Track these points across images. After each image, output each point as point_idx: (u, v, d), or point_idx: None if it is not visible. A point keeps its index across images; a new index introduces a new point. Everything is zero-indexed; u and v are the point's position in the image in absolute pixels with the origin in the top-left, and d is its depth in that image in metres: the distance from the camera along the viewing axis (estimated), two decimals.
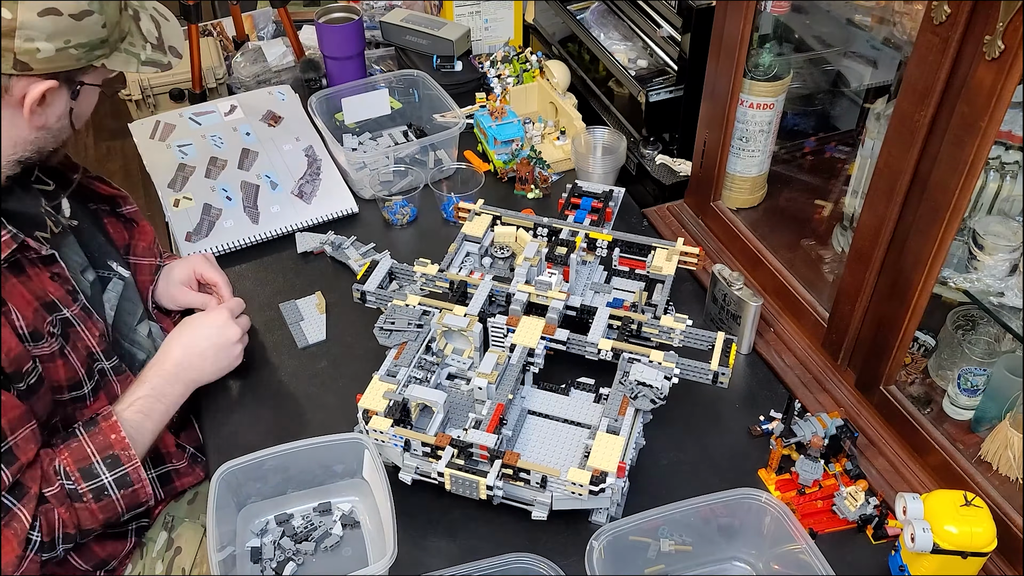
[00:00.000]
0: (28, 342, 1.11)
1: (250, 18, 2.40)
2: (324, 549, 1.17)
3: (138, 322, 1.35)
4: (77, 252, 1.26)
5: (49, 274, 1.17)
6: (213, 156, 1.75)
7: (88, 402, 1.22)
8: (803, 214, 1.65)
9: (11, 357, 1.07)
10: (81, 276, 1.25)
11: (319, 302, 1.52)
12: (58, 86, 1.08)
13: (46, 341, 1.14)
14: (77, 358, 1.19)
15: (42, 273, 1.16)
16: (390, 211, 1.67)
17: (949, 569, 1.05)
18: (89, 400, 1.22)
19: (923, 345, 1.40)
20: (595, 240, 1.45)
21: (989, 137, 0.99)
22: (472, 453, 1.13)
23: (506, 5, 2.14)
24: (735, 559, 1.15)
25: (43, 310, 1.14)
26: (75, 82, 1.11)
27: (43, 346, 1.13)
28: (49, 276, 1.17)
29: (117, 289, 1.32)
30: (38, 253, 1.15)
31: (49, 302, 1.16)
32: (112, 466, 1.14)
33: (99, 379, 1.23)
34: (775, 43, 1.54)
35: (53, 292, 1.17)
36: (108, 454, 1.14)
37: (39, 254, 1.15)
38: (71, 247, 1.25)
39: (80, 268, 1.25)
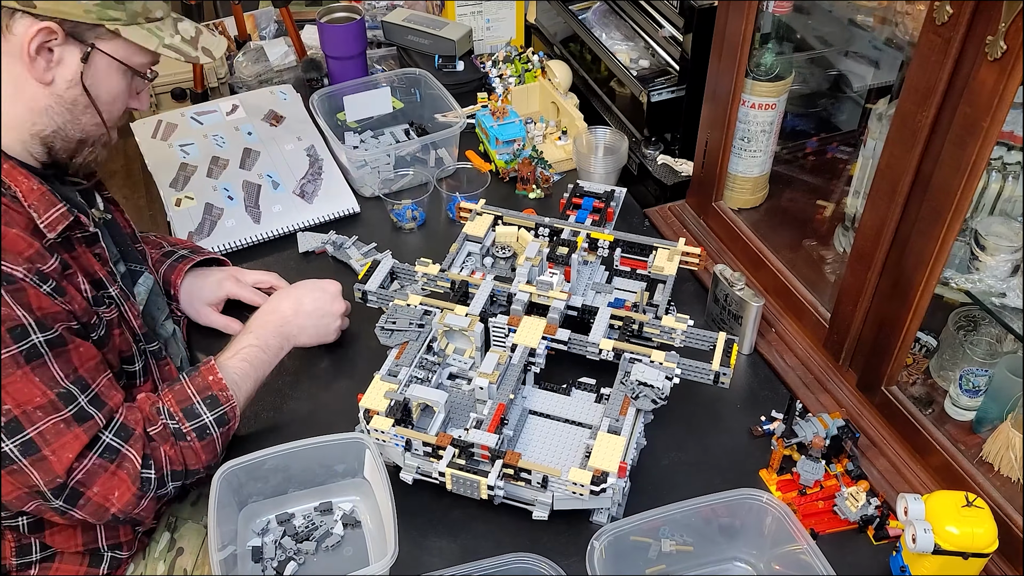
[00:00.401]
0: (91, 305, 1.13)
1: (252, 18, 2.40)
2: (325, 549, 1.17)
3: (165, 318, 1.38)
4: (110, 244, 1.27)
5: (93, 253, 1.18)
6: (215, 155, 1.75)
7: (138, 381, 1.24)
8: (805, 214, 1.65)
9: (80, 311, 1.10)
10: (114, 267, 1.26)
11: None
12: (64, 37, 1.05)
13: (106, 307, 1.16)
14: (129, 332, 1.21)
15: (87, 252, 1.17)
16: (397, 213, 1.67)
17: (950, 570, 1.05)
18: (139, 380, 1.24)
19: (925, 346, 1.40)
20: (596, 240, 1.45)
21: (991, 138, 0.99)
22: (473, 453, 1.13)
23: (508, 5, 2.14)
24: (736, 559, 1.15)
25: (92, 287, 1.16)
26: (85, 41, 1.07)
27: (105, 311, 1.16)
28: (93, 255, 1.18)
29: (147, 284, 1.33)
30: (86, 230, 1.15)
31: (97, 279, 1.17)
32: (212, 405, 1.18)
33: (145, 361, 1.25)
34: (777, 43, 1.54)
35: (98, 271, 1.19)
36: (208, 394, 1.18)
37: (86, 231, 1.16)
38: (106, 239, 1.26)
39: (114, 259, 1.27)
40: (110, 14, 1.06)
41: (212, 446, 1.18)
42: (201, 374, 1.20)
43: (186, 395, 1.18)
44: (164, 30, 1.13)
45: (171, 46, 1.14)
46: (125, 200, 3.28)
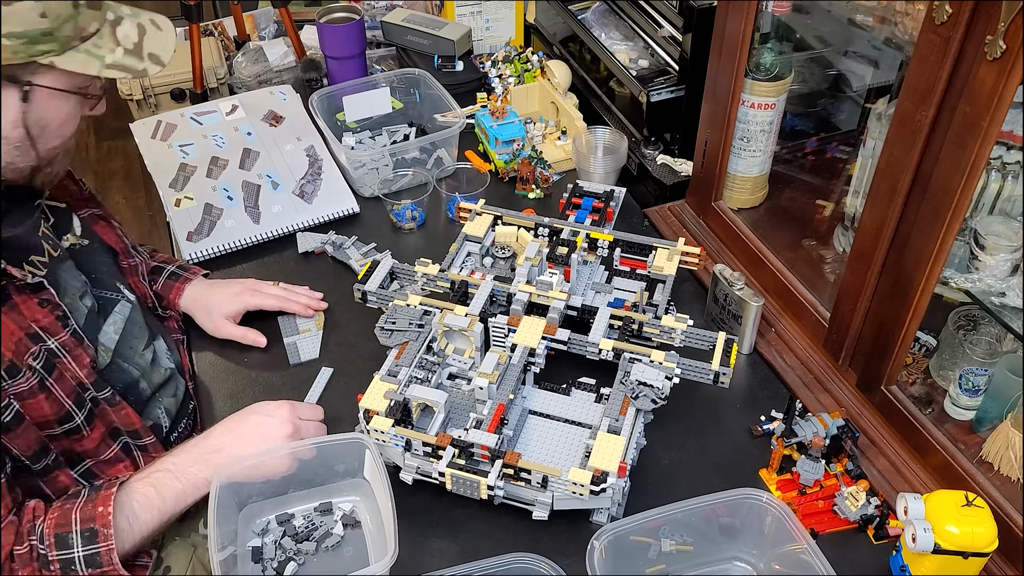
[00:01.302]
0: (3, 380, 1.05)
1: (251, 18, 2.40)
2: (325, 549, 1.17)
3: (144, 347, 1.30)
4: (75, 277, 1.20)
5: (38, 300, 1.11)
6: (214, 156, 1.75)
7: (84, 432, 1.16)
8: (804, 214, 1.65)
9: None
10: (79, 301, 1.19)
11: (319, 319, 1.50)
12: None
13: (23, 376, 1.07)
14: (63, 389, 1.12)
15: (30, 300, 1.11)
16: (397, 213, 1.66)
17: (950, 569, 1.05)
18: (85, 430, 1.16)
19: (924, 345, 1.40)
20: (596, 240, 1.45)
21: (991, 137, 0.99)
22: (473, 453, 1.13)
23: (507, 5, 2.14)
24: (736, 559, 1.15)
25: (27, 340, 1.08)
26: (21, 81, 1.00)
27: (20, 382, 1.07)
28: (37, 303, 1.11)
29: (124, 312, 1.27)
30: (23, 281, 1.09)
31: (34, 333, 1.10)
32: (88, 541, 1.05)
33: (91, 407, 1.17)
34: (776, 43, 1.54)
35: (41, 319, 1.11)
36: (88, 527, 1.06)
37: (25, 282, 1.09)
38: (69, 272, 1.19)
39: (79, 293, 1.20)
40: (39, 48, 0.99)
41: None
42: (97, 499, 1.07)
43: (68, 520, 1.05)
44: (103, 45, 1.05)
45: (114, 64, 1.05)
46: (125, 200, 3.29)
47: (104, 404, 1.19)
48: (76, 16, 1.02)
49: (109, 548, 1.06)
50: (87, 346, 1.18)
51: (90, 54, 1.04)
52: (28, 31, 0.97)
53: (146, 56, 1.09)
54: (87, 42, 1.04)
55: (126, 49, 1.07)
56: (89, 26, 1.04)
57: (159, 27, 1.13)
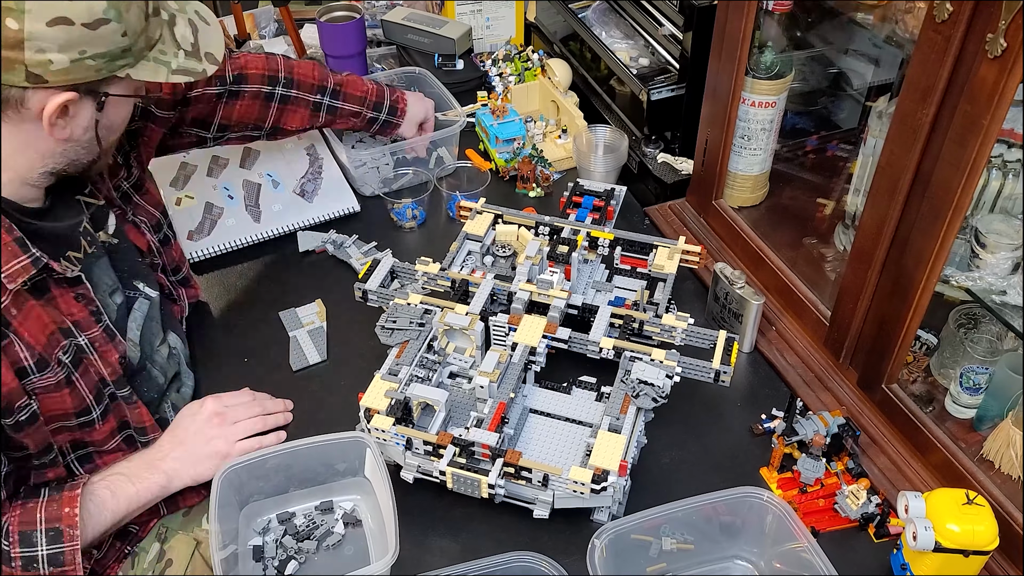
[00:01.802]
0: (32, 374, 1.07)
1: (251, 16, 2.40)
2: (326, 548, 1.17)
3: (160, 343, 1.32)
4: (108, 273, 1.22)
5: (74, 294, 1.13)
6: (215, 155, 1.75)
7: (97, 425, 1.18)
8: (805, 212, 1.65)
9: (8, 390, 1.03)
10: (109, 298, 1.21)
11: (319, 310, 1.50)
12: (79, 98, 1.02)
13: (51, 370, 1.09)
14: (86, 384, 1.14)
15: (67, 293, 1.12)
16: (398, 212, 1.66)
17: (951, 568, 1.05)
18: (98, 423, 1.18)
19: (925, 343, 1.40)
20: (597, 238, 1.45)
21: (991, 135, 0.99)
22: (474, 452, 1.13)
23: (507, 4, 2.14)
24: (737, 558, 1.15)
25: (59, 334, 1.11)
26: (99, 93, 1.04)
27: (47, 376, 1.09)
28: (74, 296, 1.13)
29: (143, 309, 1.28)
30: (62, 275, 1.11)
31: (67, 328, 1.12)
32: (52, 540, 1.06)
33: (108, 402, 1.19)
34: (777, 41, 1.54)
35: (76, 313, 1.13)
36: (54, 526, 1.07)
37: (64, 275, 1.11)
38: (103, 268, 1.21)
39: (109, 290, 1.22)
40: (119, 64, 1.03)
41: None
42: (62, 499, 1.09)
43: (32, 518, 1.06)
44: (167, 51, 1.09)
45: (179, 70, 1.10)
46: None
47: (121, 401, 1.21)
48: (147, 28, 1.05)
49: (74, 548, 1.07)
50: (118, 342, 1.20)
51: (158, 62, 1.07)
52: (111, 50, 1.01)
53: (203, 56, 1.13)
54: (154, 49, 1.07)
55: (186, 52, 1.11)
56: (155, 34, 1.08)
57: (207, 21, 1.16)
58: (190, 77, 1.11)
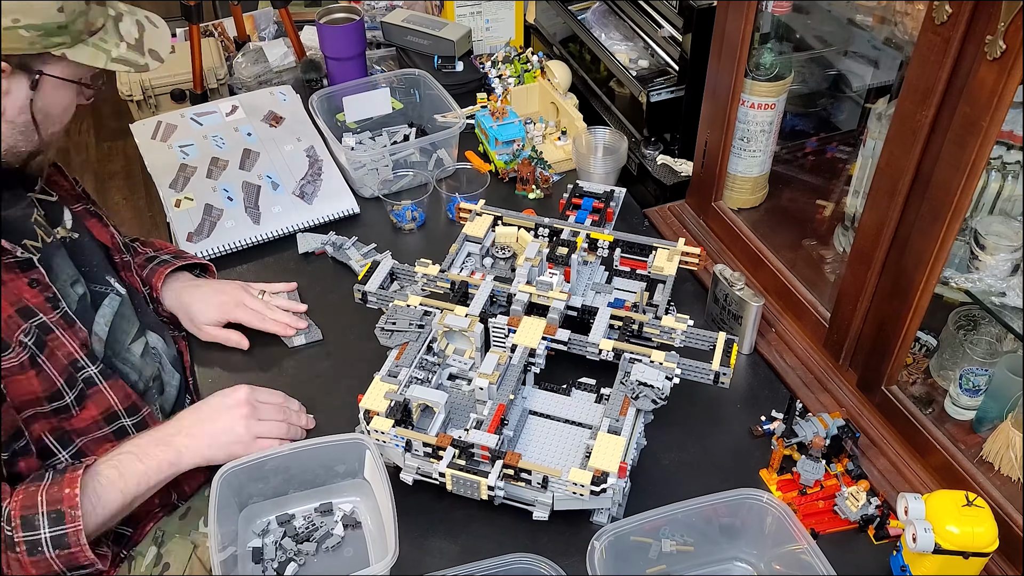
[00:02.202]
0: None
1: (251, 18, 2.40)
2: (325, 549, 1.17)
3: (132, 340, 1.31)
4: (69, 265, 1.22)
5: (27, 280, 1.13)
6: (214, 156, 1.75)
7: (74, 411, 1.17)
8: (804, 214, 1.65)
9: None
10: (70, 288, 1.21)
11: None
12: (11, 71, 1.03)
13: (13, 351, 1.09)
14: (55, 366, 1.14)
15: (19, 279, 1.12)
16: (397, 214, 1.66)
17: (951, 569, 1.05)
18: (75, 410, 1.17)
19: (925, 345, 1.40)
20: (596, 240, 1.45)
21: (991, 137, 0.99)
22: (473, 453, 1.13)
23: (507, 5, 2.14)
24: (736, 559, 1.15)
25: (17, 316, 1.10)
26: (32, 71, 1.05)
27: (10, 357, 1.09)
28: (27, 282, 1.13)
29: (113, 305, 1.28)
30: (13, 256, 1.11)
31: (24, 307, 1.11)
32: (54, 522, 1.06)
33: (84, 387, 1.18)
34: (776, 43, 1.54)
35: (31, 299, 1.13)
36: (55, 508, 1.06)
37: (14, 257, 1.11)
38: (62, 259, 1.21)
39: (70, 281, 1.21)
40: (54, 41, 1.04)
41: (45, 564, 1.06)
42: (63, 481, 1.08)
43: (34, 502, 1.06)
44: (108, 40, 1.10)
45: (119, 59, 1.11)
46: (124, 201, 3.29)
47: (99, 382, 1.20)
48: (87, 11, 1.07)
49: (76, 529, 1.07)
50: (79, 328, 1.19)
51: (98, 47, 1.09)
52: (46, 23, 1.03)
53: (147, 52, 1.15)
54: (95, 36, 1.09)
55: (129, 44, 1.13)
56: (97, 21, 1.10)
57: (155, 25, 1.18)
58: (130, 68, 1.13)
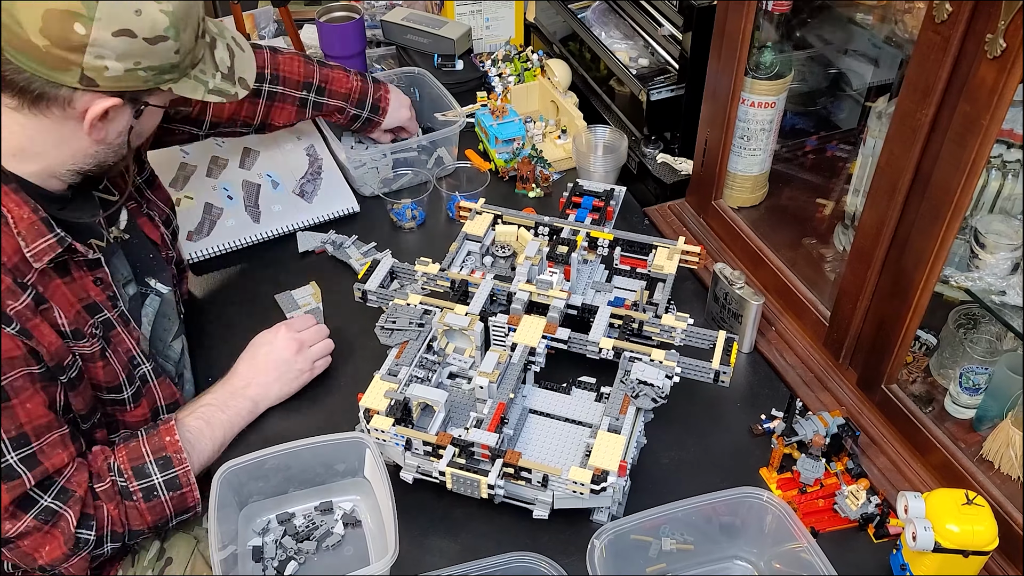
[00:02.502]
0: (69, 339, 1.12)
1: (251, 17, 2.40)
2: (325, 548, 1.17)
3: (173, 338, 1.36)
4: (124, 265, 1.26)
5: (93, 278, 1.18)
6: (214, 155, 1.75)
7: (128, 407, 1.23)
8: (804, 213, 1.65)
9: (51, 351, 1.09)
10: (123, 289, 1.25)
11: (315, 292, 1.52)
12: (122, 104, 1.07)
13: (87, 340, 1.15)
14: (118, 361, 1.20)
15: (86, 276, 1.17)
16: (397, 213, 1.66)
17: (951, 568, 1.05)
18: (130, 406, 1.23)
19: (925, 344, 1.40)
20: (596, 239, 1.45)
21: (991, 136, 0.99)
22: (473, 452, 1.13)
23: (507, 4, 2.14)
24: (736, 558, 1.15)
25: (85, 312, 1.15)
26: (140, 102, 1.09)
27: (84, 345, 1.15)
28: (92, 280, 1.18)
29: (154, 305, 1.32)
30: (84, 256, 1.15)
31: (91, 304, 1.17)
32: (164, 467, 1.16)
33: (140, 385, 1.24)
34: (776, 42, 1.54)
35: (95, 296, 1.18)
36: (161, 455, 1.16)
37: (85, 257, 1.15)
38: (120, 259, 1.26)
39: (124, 281, 1.26)
40: (165, 78, 1.07)
41: (160, 508, 1.17)
42: (159, 433, 1.19)
43: (139, 453, 1.16)
44: (207, 71, 1.12)
45: (215, 90, 1.13)
46: None
47: (151, 380, 1.27)
48: (195, 48, 1.09)
49: (186, 470, 1.18)
50: (133, 327, 1.24)
51: (198, 80, 1.11)
52: (163, 64, 1.05)
53: (237, 80, 1.17)
54: (196, 68, 1.11)
55: (223, 74, 1.15)
56: (200, 53, 1.12)
57: (242, 48, 1.20)
58: (223, 98, 1.15)
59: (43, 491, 1.09)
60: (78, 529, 1.10)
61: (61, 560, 1.10)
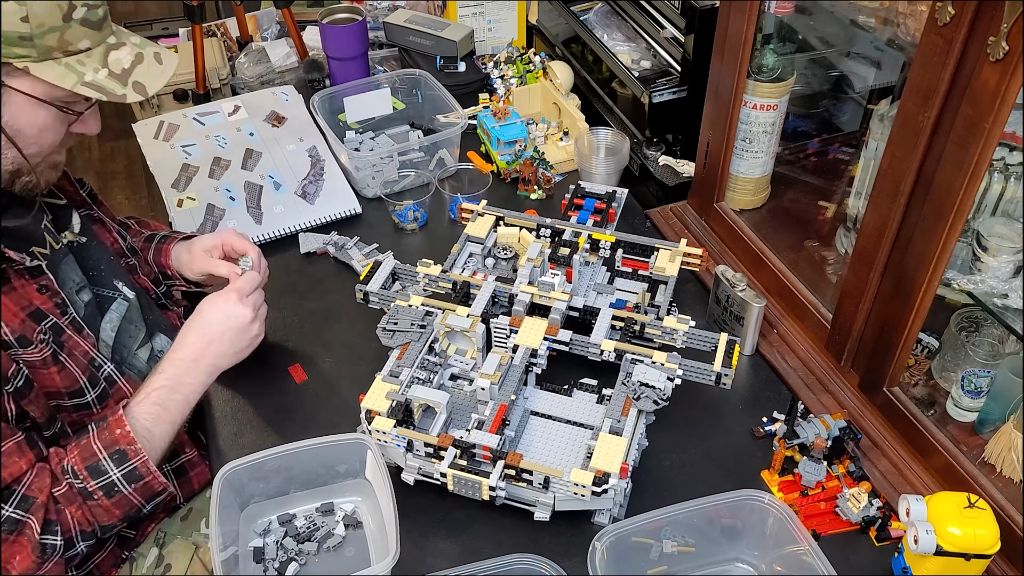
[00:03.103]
0: (15, 347, 1.09)
1: (254, 19, 2.40)
2: (326, 549, 1.17)
3: (139, 346, 1.33)
4: (75, 271, 1.23)
5: (36, 286, 1.15)
6: (217, 156, 1.75)
7: (94, 410, 1.21)
8: (806, 215, 1.65)
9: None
10: (76, 296, 1.22)
11: None
12: None
13: (36, 347, 1.12)
14: (76, 365, 1.17)
15: (28, 285, 1.14)
16: (399, 214, 1.67)
17: (952, 571, 1.05)
18: (95, 408, 1.21)
19: (927, 347, 1.40)
20: (598, 241, 1.45)
21: (993, 138, 0.99)
22: (475, 454, 1.13)
23: (509, 6, 2.14)
24: (738, 560, 1.15)
25: (30, 320, 1.12)
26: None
27: (32, 352, 1.12)
28: (36, 288, 1.15)
29: (120, 310, 1.29)
30: (22, 264, 1.12)
31: (35, 311, 1.13)
32: (119, 461, 1.12)
33: (106, 386, 1.22)
34: (779, 44, 1.54)
35: (40, 304, 1.15)
36: (115, 449, 1.12)
37: (23, 265, 1.12)
38: (70, 265, 1.22)
39: (76, 287, 1.23)
40: (15, 51, 1.00)
41: (126, 501, 1.13)
42: (109, 426, 1.14)
43: (91, 451, 1.12)
44: (87, 64, 1.05)
45: (92, 83, 1.05)
46: (127, 200, 3.29)
47: (117, 379, 1.23)
48: (63, 29, 1.02)
49: (143, 460, 1.13)
50: (87, 334, 1.21)
51: (70, 68, 1.04)
52: (8, 32, 0.99)
53: (130, 83, 1.10)
54: (71, 57, 1.04)
55: (112, 72, 1.08)
56: (78, 43, 1.05)
57: (160, 62, 1.14)
58: (103, 96, 1.07)
59: (3, 501, 1.06)
60: (43, 535, 1.07)
61: (34, 568, 1.07)
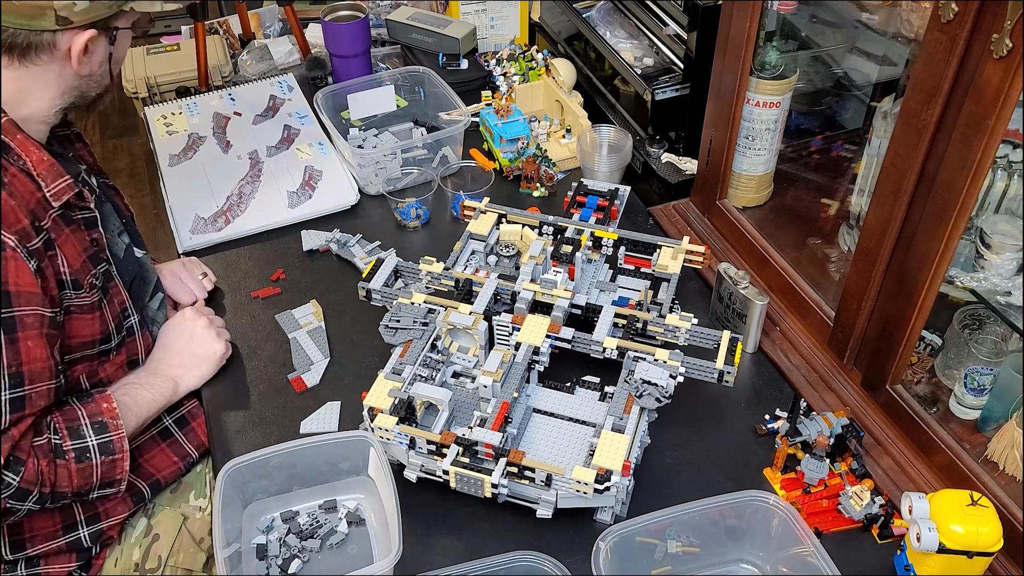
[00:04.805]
0: (68, 289, 1.16)
1: (256, 16, 2.41)
2: (329, 546, 1.18)
3: (149, 297, 1.40)
4: (114, 216, 1.31)
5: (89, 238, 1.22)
6: (217, 148, 1.76)
7: (112, 355, 1.28)
8: (809, 213, 1.65)
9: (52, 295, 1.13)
10: (117, 238, 1.31)
11: (316, 310, 1.50)
12: (97, 34, 1.16)
13: (86, 291, 1.19)
14: (111, 312, 1.25)
15: (84, 233, 1.22)
16: (402, 212, 1.66)
17: (955, 569, 1.05)
18: (113, 353, 1.28)
19: (929, 344, 1.39)
20: (600, 238, 1.45)
21: (996, 136, 0.99)
22: (477, 451, 1.13)
23: (512, 3, 2.14)
24: (742, 561, 1.15)
25: (89, 261, 1.20)
26: (111, 28, 1.19)
27: (83, 295, 1.19)
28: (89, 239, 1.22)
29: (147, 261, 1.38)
30: (87, 207, 1.22)
31: (94, 254, 1.21)
32: (99, 431, 1.18)
33: (125, 335, 1.29)
34: (782, 41, 1.54)
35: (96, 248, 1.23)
36: (97, 419, 1.18)
37: (88, 208, 1.22)
38: (109, 210, 1.31)
39: (116, 231, 1.31)
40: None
41: (88, 472, 1.17)
42: (95, 400, 1.21)
43: (75, 416, 1.18)
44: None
45: None
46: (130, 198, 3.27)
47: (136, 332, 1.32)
48: None
49: (120, 436, 1.19)
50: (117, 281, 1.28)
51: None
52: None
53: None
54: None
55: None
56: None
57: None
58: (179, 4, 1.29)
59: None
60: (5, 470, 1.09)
61: None
